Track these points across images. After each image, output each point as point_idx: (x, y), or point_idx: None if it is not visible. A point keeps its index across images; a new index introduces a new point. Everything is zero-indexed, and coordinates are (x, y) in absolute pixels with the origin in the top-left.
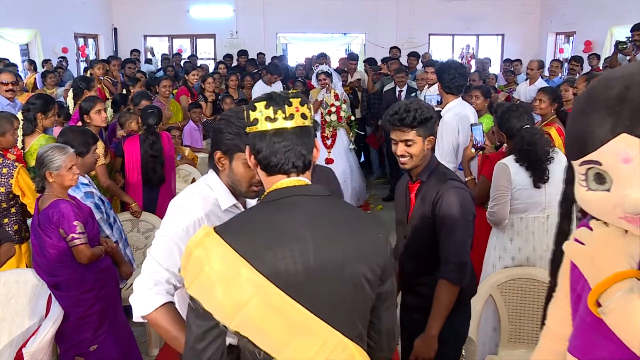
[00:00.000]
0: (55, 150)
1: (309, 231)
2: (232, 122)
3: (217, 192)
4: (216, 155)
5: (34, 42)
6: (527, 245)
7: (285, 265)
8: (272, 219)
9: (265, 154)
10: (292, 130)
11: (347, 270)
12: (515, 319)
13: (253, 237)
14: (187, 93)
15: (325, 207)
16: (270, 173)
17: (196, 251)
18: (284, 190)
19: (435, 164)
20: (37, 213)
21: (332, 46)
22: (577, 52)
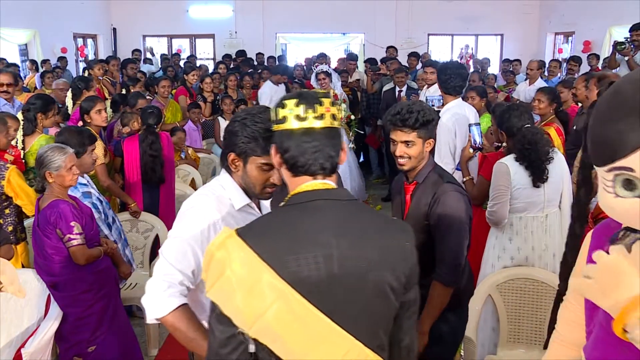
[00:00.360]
0: (55, 151)
1: (334, 237)
2: (248, 126)
3: (230, 192)
4: (230, 157)
5: (33, 42)
6: (526, 244)
7: (309, 271)
8: (297, 223)
9: (293, 153)
10: (322, 131)
11: (371, 278)
12: (514, 319)
13: (276, 241)
14: (186, 93)
15: (351, 212)
16: (296, 173)
17: (218, 253)
18: (309, 193)
19: (433, 166)
20: (37, 213)
21: (331, 46)
22: (576, 52)
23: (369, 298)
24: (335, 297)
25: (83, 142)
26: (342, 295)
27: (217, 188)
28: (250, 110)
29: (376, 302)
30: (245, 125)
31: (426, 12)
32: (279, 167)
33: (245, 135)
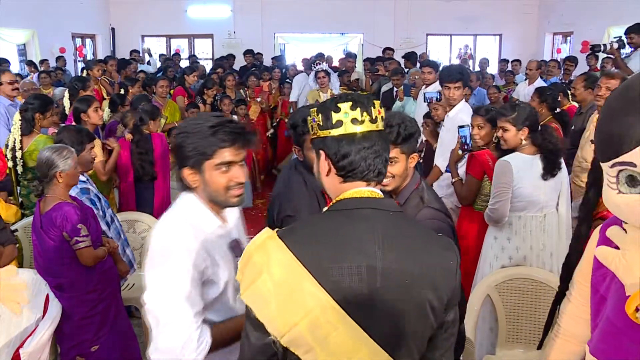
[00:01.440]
0: (64, 150)
1: (379, 249)
2: (190, 132)
3: (199, 217)
4: (185, 174)
5: (32, 42)
6: (525, 244)
7: (350, 282)
8: (342, 230)
9: (353, 158)
10: (379, 135)
11: (413, 295)
12: (513, 319)
13: (319, 247)
14: (184, 93)
15: (398, 225)
16: (350, 179)
17: (256, 255)
18: (358, 200)
19: (416, 185)
20: (38, 215)
21: (330, 46)
22: (575, 52)
23: (409, 315)
24: (374, 311)
25: (82, 140)
26: (381, 309)
27: (185, 212)
28: (187, 120)
29: (415, 320)
30: (187, 134)
31: (425, 12)
32: (327, 175)
33: (190, 143)
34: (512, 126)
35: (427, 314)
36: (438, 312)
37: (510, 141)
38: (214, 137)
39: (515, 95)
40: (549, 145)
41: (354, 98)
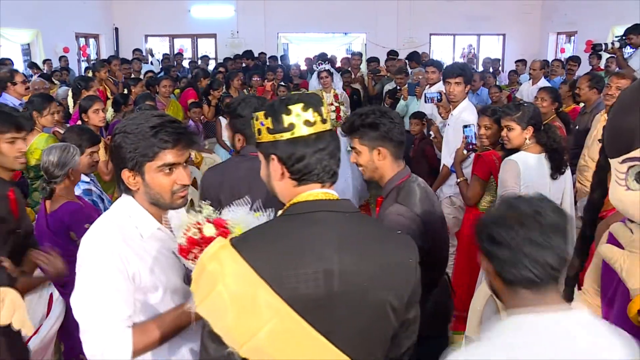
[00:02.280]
0: (70, 148)
1: (336, 252)
2: (129, 133)
3: (136, 219)
4: (124, 176)
5: (35, 42)
6: None
7: (307, 288)
8: (296, 236)
9: (308, 161)
10: (330, 134)
11: (372, 297)
12: None
13: (274, 254)
14: (195, 96)
15: (354, 226)
16: (303, 182)
17: (210, 265)
18: (312, 203)
19: (398, 182)
20: (44, 214)
21: (333, 46)
22: (579, 52)
23: (369, 317)
24: (333, 315)
25: (80, 143)
26: (340, 313)
27: (119, 216)
28: (126, 119)
29: (376, 322)
30: (126, 134)
31: (428, 12)
32: (280, 180)
33: (130, 144)
34: (516, 125)
35: (387, 315)
36: (399, 311)
37: (515, 140)
38: (155, 138)
39: (519, 95)
40: (553, 144)
41: (303, 99)
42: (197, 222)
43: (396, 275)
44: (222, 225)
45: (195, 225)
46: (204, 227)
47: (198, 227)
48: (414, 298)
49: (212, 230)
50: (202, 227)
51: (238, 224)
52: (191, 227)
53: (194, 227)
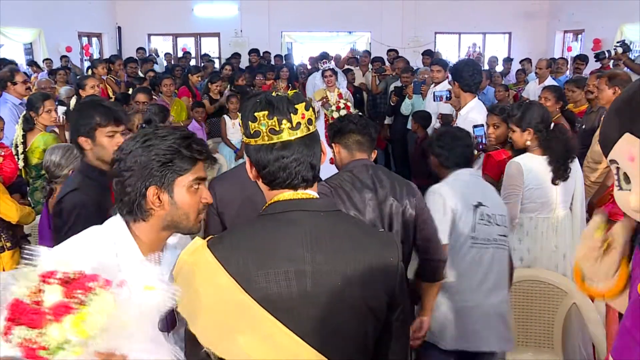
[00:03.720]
0: (73, 150)
1: (308, 251)
2: (155, 146)
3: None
4: (150, 195)
5: (38, 41)
6: (536, 245)
7: (279, 288)
8: (268, 236)
9: (271, 169)
10: (301, 141)
11: (347, 297)
12: (522, 321)
13: (246, 254)
14: (188, 94)
15: (330, 225)
16: (275, 188)
17: (186, 266)
18: (286, 203)
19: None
20: (47, 215)
21: (338, 45)
22: (586, 51)
23: (345, 318)
24: (308, 316)
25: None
26: (315, 314)
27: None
28: (141, 132)
29: (353, 322)
30: (150, 148)
31: (433, 11)
32: (256, 180)
33: (159, 160)
34: (517, 127)
35: (366, 315)
36: (379, 312)
37: (517, 142)
38: (188, 150)
39: (526, 94)
40: (556, 148)
41: (271, 104)
42: (48, 274)
43: (374, 274)
44: (73, 293)
45: (43, 277)
46: (46, 290)
47: (41, 284)
48: (398, 299)
49: (55, 297)
50: (45, 287)
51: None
52: (35, 283)
53: (39, 282)
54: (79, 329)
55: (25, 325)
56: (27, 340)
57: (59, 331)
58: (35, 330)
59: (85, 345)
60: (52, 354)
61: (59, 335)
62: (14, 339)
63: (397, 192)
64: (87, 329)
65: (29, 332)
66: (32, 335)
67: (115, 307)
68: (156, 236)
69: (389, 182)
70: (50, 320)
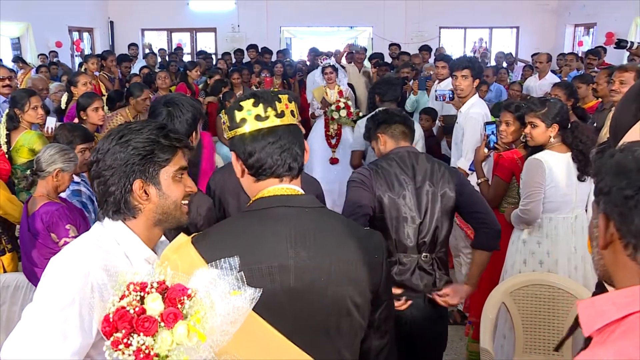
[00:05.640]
0: (70, 153)
1: (292, 247)
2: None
3: (125, 246)
4: (136, 188)
5: (26, 36)
6: (556, 248)
7: (262, 284)
8: (252, 231)
9: (258, 156)
10: (286, 129)
11: (331, 293)
12: (530, 327)
13: (230, 251)
14: (186, 90)
15: (314, 221)
16: (261, 178)
17: (170, 262)
18: (271, 199)
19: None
20: (26, 216)
21: (338, 40)
22: (598, 45)
23: (330, 315)
24: (292, 313)
25: (72, 140)
26: (299, 311)
27: (104, 240)
28: (113, 129)
29: (337, 318)
30: (127, 143)
31: (437, 4)
32: (242, 176)
33: (138, 153)
34: (541, 122)
35: (350, 312)
36: (363, 309)
37: (538, 138)
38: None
39: (525, 91)
40: (579, 145)
41: (256, 94)
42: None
43: (358, 271)
44: (175, 300)
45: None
46: (147, 298)
47: (140, 293)
48: (383, 297)
49: (157, 305)
50: (145, 295)
51: (200, 305)
52: (131, 292)
53: (135, 291)
54: (197, 333)
55: (142, 332)
56: (146, 347)
57: (170, 337)
58: (151, 337)
59: (192, 349)
60: (163, 359)
61: (171, 341)
62: (132, 347)
63: (435, 177)
64: (204, 332)
65: (148, 339)
66: (151, 342)
67: (214, 311)
68: (150, 233)
69: (430, 167)
70: (162, 327)
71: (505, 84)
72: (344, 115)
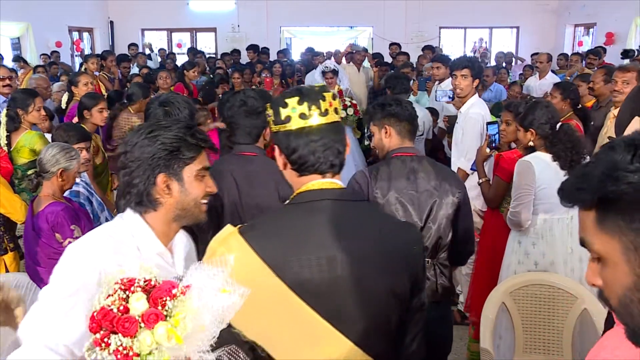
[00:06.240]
0: (71, 151)
1: (339, 239)
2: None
3: (139, 239)
4: (160, 182)
5: (26, 36)
6: (551, 249)
7: (311, 274)
8: (300, 223)
9: (302, 153)
10: (328, 127)
11: (375, 283)
12: (530, 327)
13: (279, 241)
14: (183, 90)
15: (358, 214)
16: (304, 173)
17: (219, 250)
18: (316, 192)
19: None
20: (31, 216)
21: (338, 40)
22: (598, 45)
23: (372, 303)
24: (336, 301)
25: (67, 139)
26: (343, 299)
27: (120, 231)
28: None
29: (379, 307)
30: (155, 138)
31: (437, 4)
32: (284, 169)
33: (165, 149)
34: (520, 126)
35: (390, 301)
36: (403, 298)
37: (521, 141)
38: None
39: (526, 91)
40: (560, 150)
41: (301, 91)
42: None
43: (399, 262)
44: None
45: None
46: (131, 297)
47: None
48: (419, 285)
49: (141, 305)
50: (129, 295)
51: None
52: (116, 291)
53: (121, 290)
54: (175, 335)
55: (121, 333)
56: (124, 347)
57: (151, 338)
58: (130, 337)
59: (174, 350)
60: (144, 359)
61: (151, 341)
62: (111, 347)
63: (439, 183)
64: (181, 335)
65: (125, 340)
66: (129, 343)
67: (198, 312)
68: (168, 228)
69: (434, 173)
70: (142, 327)
71: (505, 84)
72: (351, 114)
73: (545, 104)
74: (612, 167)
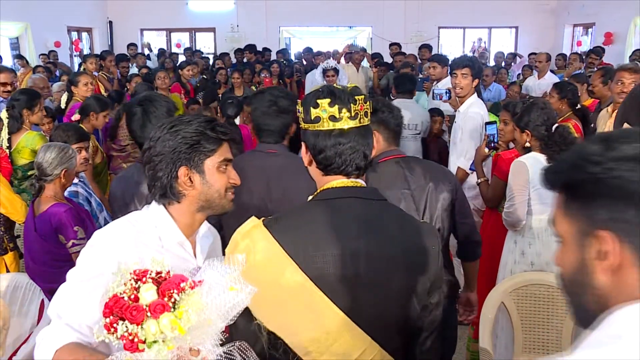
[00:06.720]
0: (69, 150)
1: (362, 236)
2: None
3: (162, 229)
4: (181, 174)
5: (25, 36)
6: (547, 249)
7: (334, 268)
8: (324, 219)
9: (328, 154)
10: (357, 130)
11: (395, 280)
12: (529, 327)
13: (303, 236)
14: (180, 90)
15: (380, 212)
16: (329, 173)
17: (242, 242)
18: (339, 190)
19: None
20: (32, 216)
21: (338, 40)
22: (596, 45)
23: (392, 299)
24: (357, 295)
25: (66, 139)
26: (364, 294)
27: (142, 221)
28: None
29: (398, 304)
30: (177, 132)
31: (436, 4)
32: (309, 165)
33: (186, 142)
34: (516, 127)
35: (409, 298)
36: (421, 296)
37: (518, 142)
38: (214, 131)
39: (525, 91)
40: (554, 152)
41: (333, 93)
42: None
43: (419, 260)
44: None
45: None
46: (141, 287)
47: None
48: (437, 283)
49: (150, 296)
50: (141, 285)
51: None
52: (129, 280)
53: (133, 280)
54: (177, 326)
55: (129, 320)
56: (130, 333)
57: (156, 327)
58: (137, 325)
59: (178, 340)
60: (149, 346)
61: (156, 330)
62: (118, 332)
63: (432, 179)
64: (183, 326)
65: (132, 327)
66: (135, 330)
67: (204, 307)
68: (192, 219)
69: (423, 170)
70: (149, 316)
71: (504, 84)
72: None
73: (542, 105)
74: (581, 156)
